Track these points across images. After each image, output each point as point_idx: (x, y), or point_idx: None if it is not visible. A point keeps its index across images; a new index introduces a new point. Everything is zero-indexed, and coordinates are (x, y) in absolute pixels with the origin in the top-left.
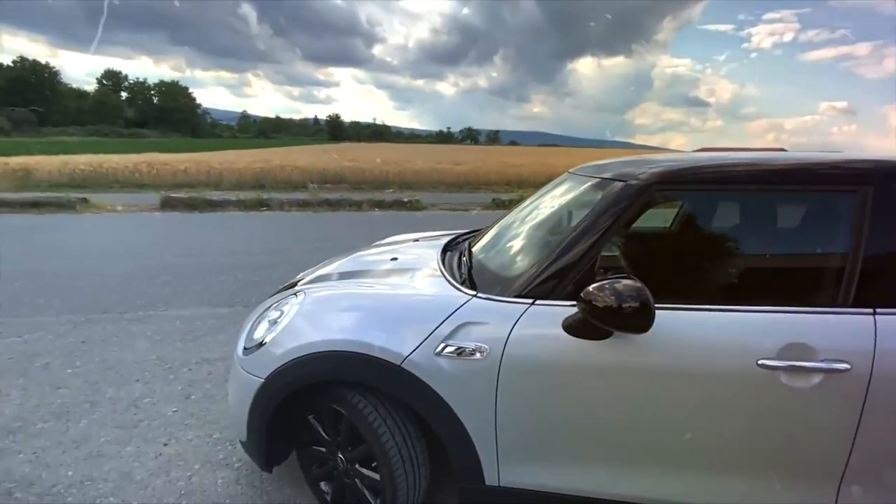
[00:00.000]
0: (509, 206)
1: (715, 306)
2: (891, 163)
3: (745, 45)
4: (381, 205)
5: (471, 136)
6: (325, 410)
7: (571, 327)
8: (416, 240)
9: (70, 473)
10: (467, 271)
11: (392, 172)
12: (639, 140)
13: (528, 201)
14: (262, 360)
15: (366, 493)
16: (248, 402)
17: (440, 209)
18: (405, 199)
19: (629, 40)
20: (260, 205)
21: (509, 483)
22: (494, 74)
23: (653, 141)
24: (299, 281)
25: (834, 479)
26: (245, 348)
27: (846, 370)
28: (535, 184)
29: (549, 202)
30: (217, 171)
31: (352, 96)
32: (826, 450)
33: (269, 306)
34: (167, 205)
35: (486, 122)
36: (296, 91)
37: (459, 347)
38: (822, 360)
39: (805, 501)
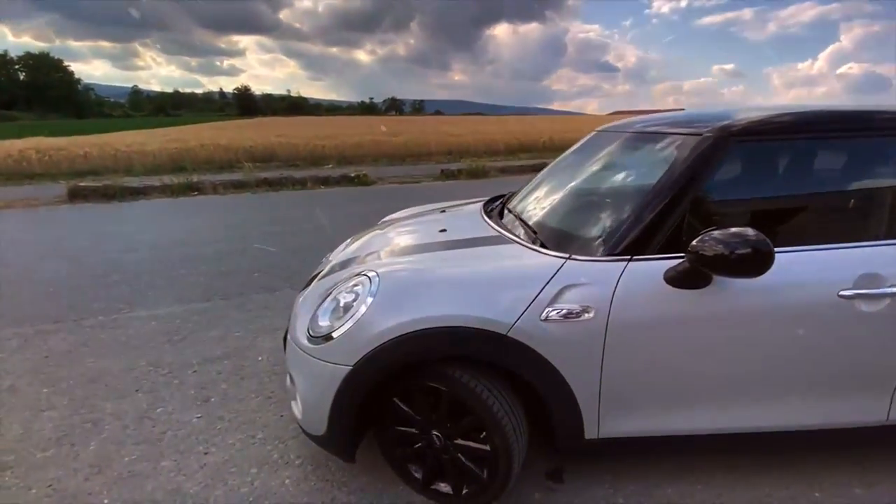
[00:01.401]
0: (458, 176)
1: (797, 247)
2: None
3: (647, 10)
4: (326, 181)
5: (395, 106)
6: (417, 390)
7: (674, 279)
8: (443, 210)
9: (106, 502)
10: (545, 235)
11: (328, 147)
12: (556, 106)
13: (563, 160)
14: (346, 346)
15: (472, 466)
16: (330, 392)
17: (390, 183)
18: (352, 175)
19: (542, 6)
20: (189, 189)
21: (608, 434)
22: (412, 41)
23: (569, 106)
24: (335, 264)
25: (888, 390)
26: (313, 337)
27: None
28: (476, 153)
29: (603, 159)
30: (125, 154)
31: (260, 66)
32: (888, 365)
33: (330, 291)
34: (77, 196)
35: (408, 91)
36: (194, 62)
37: (565, 310)
38: (890, 286)
39: (863, 412)
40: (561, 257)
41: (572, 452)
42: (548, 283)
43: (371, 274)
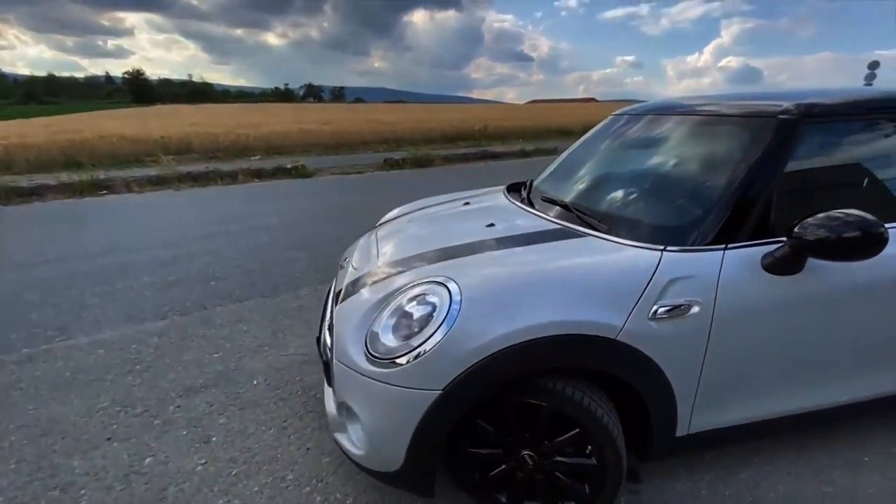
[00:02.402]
0: (403, 165)
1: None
2: None
3: (556, 2)
4: (260, 174)
5: (313, 93)
6: (509, 408)
7: (773, 265)
8: (467, 202)
9: None
10: (621, 226)
11: (252, 136)
12: (476, 94)
13: (592, 144)
14: (431, 367)
15: (571, 482)
16: (412, 421)
17: (331, 174)
18: (288, 166)
19: None
20: (97, 187)
21: (698, 429)
22: (326, 25)
23: (488, 95)
24: (372, 270)
25: None
26: (378, 358)
27: None
28: (413, 142)
29: (654, 144)
30: (0, 147)
31: (153, 48)
32: None
33: (387, 303)
34: None
35: (325, 77)
36: (70, 41)
37: (672, 306)
38: None
39: None
40: (656, 249)
41: (661, 453)
42: (651, 278)
43: (446, 281)
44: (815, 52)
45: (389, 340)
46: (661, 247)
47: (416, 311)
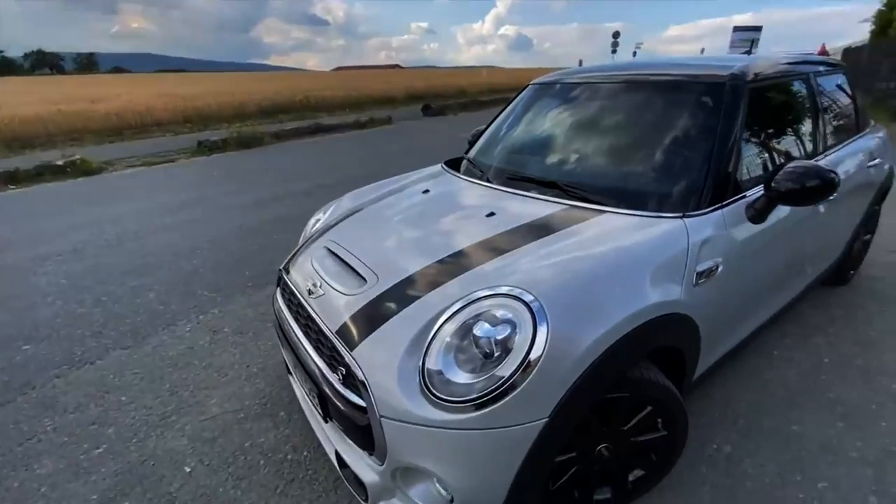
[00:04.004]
0: (225, 147)
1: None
2: None
3: None
4: (15, 178)
5: (47, 62)
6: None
7: (754, 216)
8: (426, 191)
9: None
10: (629, 197)
11: None
12: (274, 61)
13: (535, 113)
14: (532, 395)
15: (641, 458)
16: (515, 463)
17: (128, 166)
18: (60, 162)
19: None
20: None
21: (704, 367)
22: None
23: (288, 61)
24: (362, 302)
25: (839, 246)
26: (455, 403)
27: None
28: (224, 118)
29: (608, 109)
30: None
31: None
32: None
33: (436, 334)
34: None
35: (62, 42)
36: None
37: (707, 269)
38: None
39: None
40: (678, 217)
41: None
42: (688, 247)
43: (520, 293)
44: (567, 24)
45: (460, 377)
46: (680, 214)
47: (492, 332)
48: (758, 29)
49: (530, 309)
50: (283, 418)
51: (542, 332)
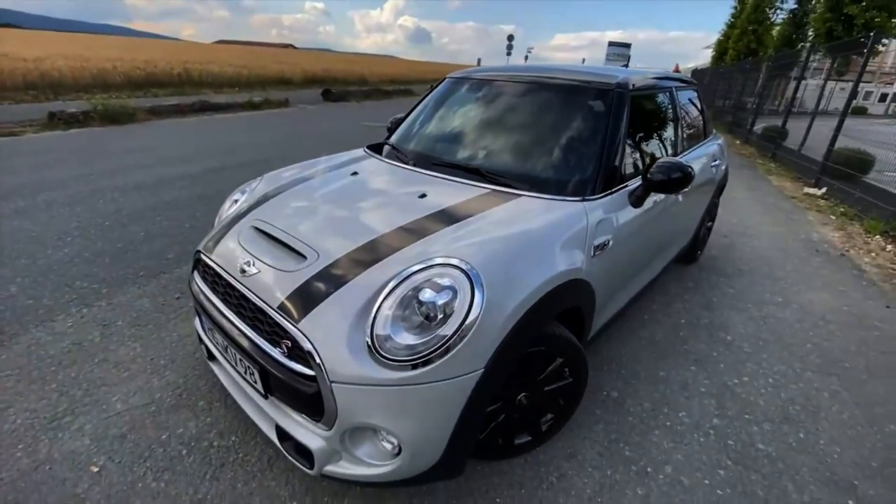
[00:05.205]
0: (87, 121)
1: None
2: None
3: None
4: None
5: None
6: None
7: (635, 201)
8: (355, 173)
9: None
10: (539, 184)
11: None
12: (139, 26)
13: (454, 105)
14: (471, 349)
15: (551, 403)
16: (456, 411)
17: None
18: None
19: None
20: None
21: (595, 329)
22: None
23: (158, 28)
24: (302, 278)
25: (689, 232)
26: (400, 361)
27: None
28: (81, 87)
29: (515, 107)
30: None
31: None
32: (688, 221)
33: (381, 302)
34: None
35: None
36: None
37: (601, 244)
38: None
39: (678, 247)
40: (579, 201)
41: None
42: (588, 225)
43: (459, 263)
44: (463, 21)
45: (407, 339)
46: (580, 198)
47: (435, 298)
48: (628, 45)
49: (469, 277)
50: (202, 407)
51: (479, 296)
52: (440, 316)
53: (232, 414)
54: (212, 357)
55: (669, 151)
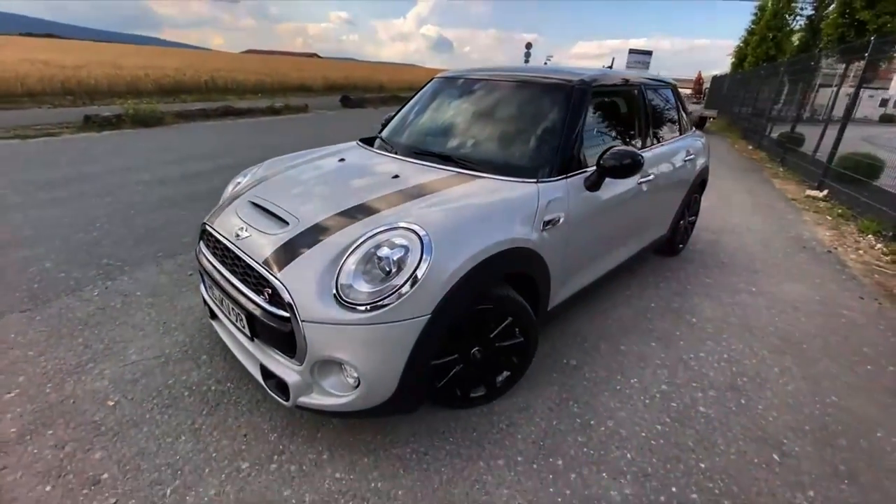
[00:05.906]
0: (120, 124)
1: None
2: None
3: None
4: None
5: None
6: (464, 318)
7: (591, 185)
8: (342, 159)
9: None
10: (501, 167)
11: None
12: (169, 36)
13: (437, 101)
14: (420, 296)
15: (505, 360)
16: (406, 350)
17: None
18: None
19: None
20: None
21: (557, 301)
22: None
23: (188, 38)
24: (287, 237)
25: (664, 223)
26: (358, 305)
27: None
28: (115, 93)
29: (491, 102)
30: None
31: None
32: (658, 212)
33: (342, 258)
34: None
35: None
36: None
37: (551, 219)
38: (649, 175)
39: (652, 236)
40: (533, 182)
41: (540, 324)
42: (538, 203)
43: (410, 225)
44: (486, 29)
45: (366, 287)
46: (535, 180)
47: (390, 254)
48: (649, 53)
49: (420, 238)
50: (204, 360)
51: (427, 255)
52: (394, 270)
53: (229, 366)
54: (213, 316)
55: (639, 144)
